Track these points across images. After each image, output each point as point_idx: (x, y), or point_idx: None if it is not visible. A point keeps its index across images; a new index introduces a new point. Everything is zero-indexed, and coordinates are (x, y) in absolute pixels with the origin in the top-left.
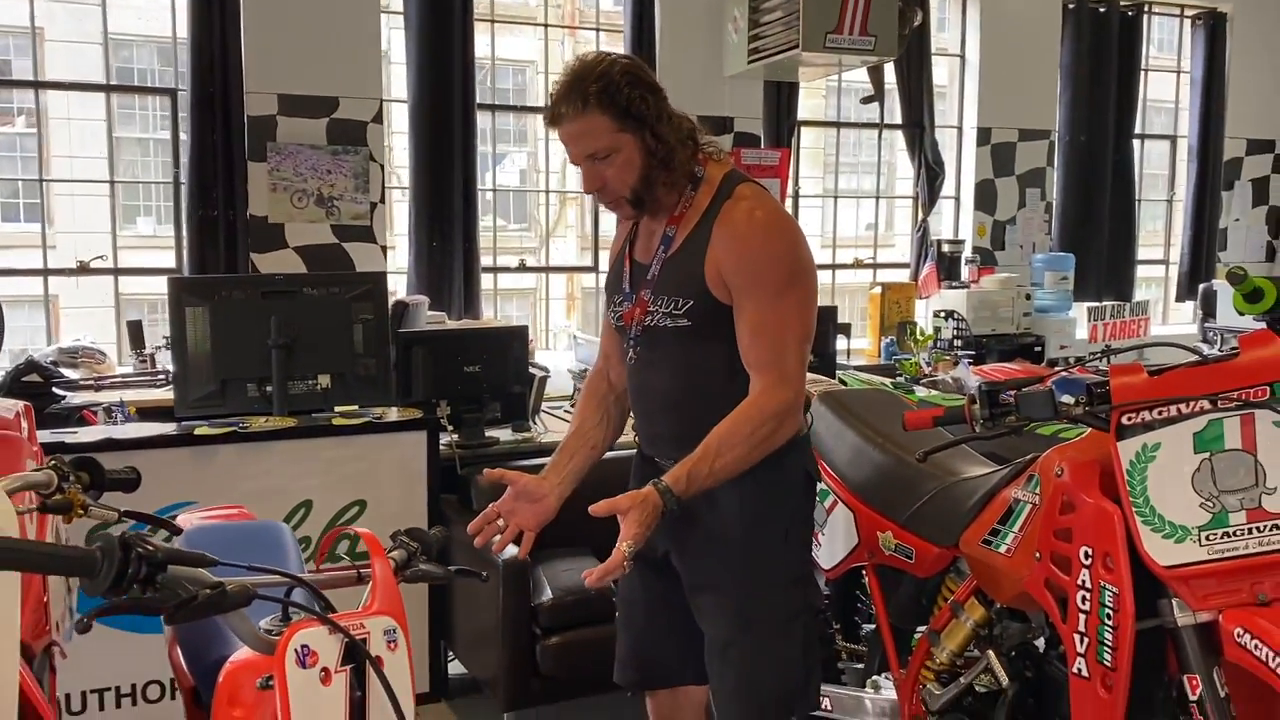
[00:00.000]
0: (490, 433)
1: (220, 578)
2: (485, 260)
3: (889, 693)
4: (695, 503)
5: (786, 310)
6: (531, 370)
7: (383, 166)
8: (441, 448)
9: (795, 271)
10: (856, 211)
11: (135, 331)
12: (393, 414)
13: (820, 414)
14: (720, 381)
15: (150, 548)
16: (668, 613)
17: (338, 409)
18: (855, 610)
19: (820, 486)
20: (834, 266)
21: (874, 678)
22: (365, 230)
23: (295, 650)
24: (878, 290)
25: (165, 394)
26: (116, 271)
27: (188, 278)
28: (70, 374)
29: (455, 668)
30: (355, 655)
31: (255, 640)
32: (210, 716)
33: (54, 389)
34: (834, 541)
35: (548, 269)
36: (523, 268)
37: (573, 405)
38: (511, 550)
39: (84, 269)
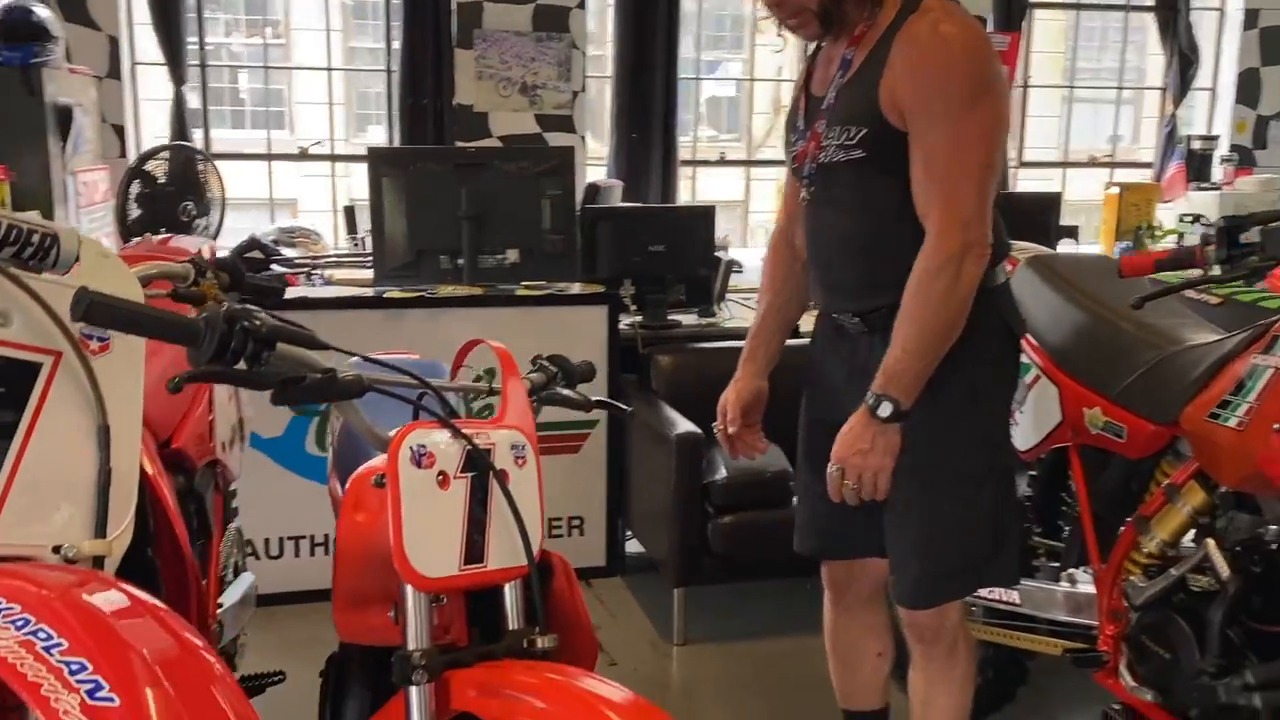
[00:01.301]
0: (674, 316)
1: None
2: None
3: (1086, 587)
4: (874, 358)
5: (965, 137)
6: (718, 254)
7: (584, 54)
8: (624, 328)
9: (978, 91)
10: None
11: (350, 216)
12: (575, 289)
13: (1025, 280)
14: (900, 221)
15: (258, 322)
16: None
17: (523, 284)
18: (1053, 501)
19: (1022, 359)
20: (1065, 165)
21: (1070, 571)
22: (566, 120)
23: (411, 448)
24: (1114, 191)
25: (370, 274)
26: (334, 158)
27: (385, 149)
28: (288, 253)
29: (633, 546)
30: (478, 465)
31: (374, 438)
32: None
33: (273, 265)
34: (1033, 420)
35: (749, 162)
36: (723, 161)
37: None
38: (685, 425)
39: (304, 154)
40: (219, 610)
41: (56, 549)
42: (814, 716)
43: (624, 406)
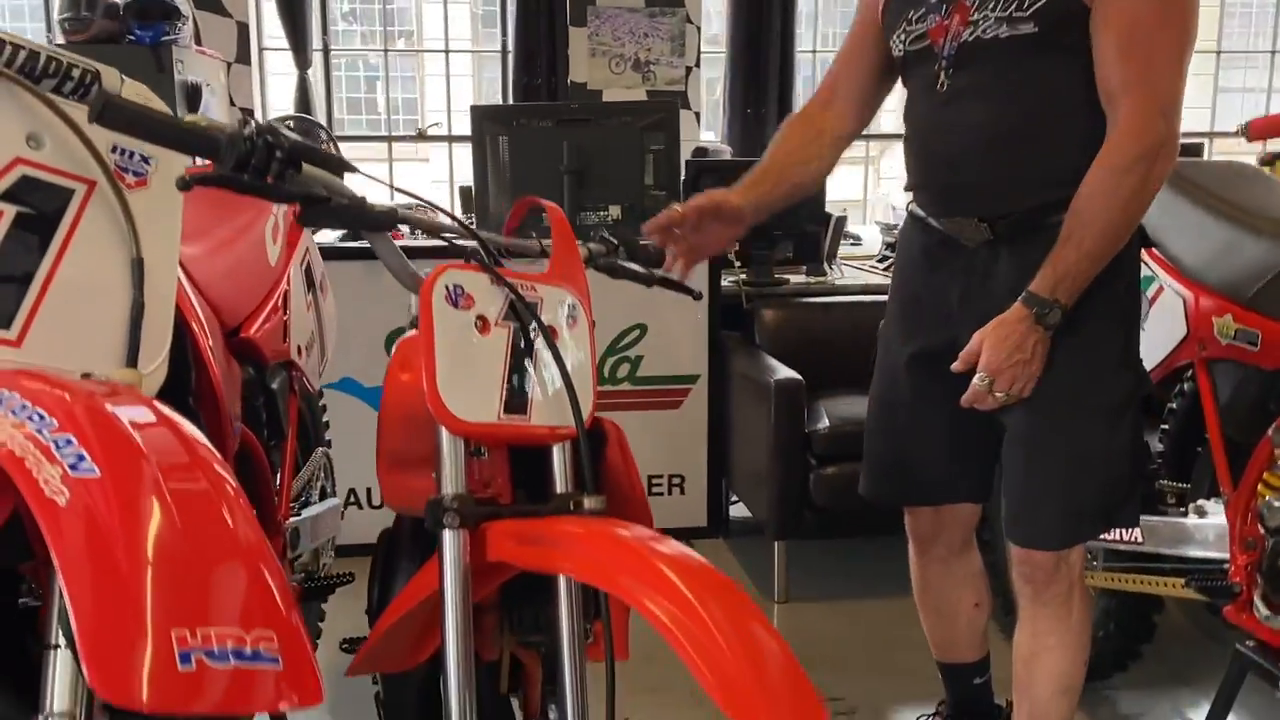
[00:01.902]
0: (781, 274)
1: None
2: None
3: (1217, 518)
4: (998, 272)
5: (1173, 7)
6: (828, 210)
7: (699, 29)
8: (729, 284)
9: None
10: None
11: (465, 196)
12: None
13: None
14: (1069, 110)
15: (283, 138)
16: (943, 417)
17: None
18: (1174, 428)
19: (1144, 272)
20: (1211, 134)
21: (1198, 503)
22: (679, 96)
23: (446, 286)
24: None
25: None
26: (451, 139)
27: (489, 106)
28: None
29: (737, 511)
30: (522, 316)
31: (408, 276)
32: None
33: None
34: (1156, 337)
35: (869, 136)
36: None
37: (879, 262)
38: (784, 371)
39: (422, 135)
40: (294, 519)
41: (86, 376)
42: (915, 673)
43: (692, 289)
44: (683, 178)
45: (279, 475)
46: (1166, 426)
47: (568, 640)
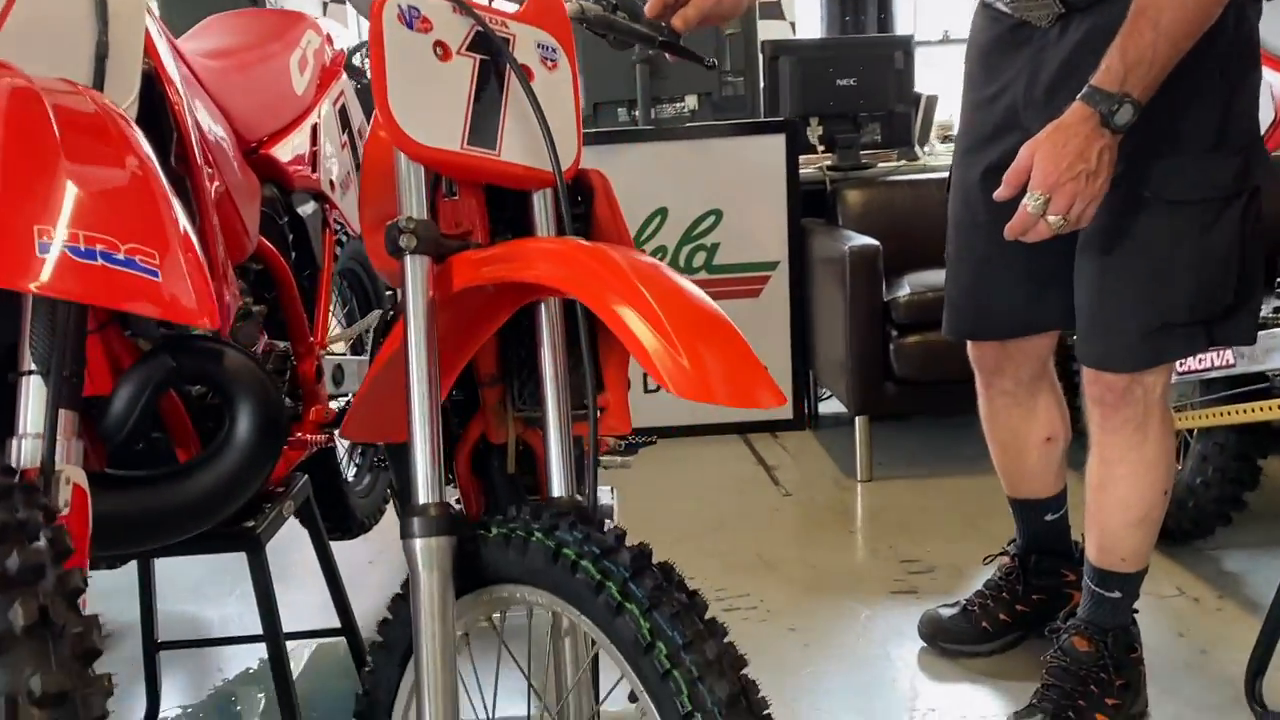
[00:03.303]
0: (869, 158)
1: None
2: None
3: None
4: (1065, 47)
5: None
6: (918, 90)
7: None
8: (812, 170)
9: None
10: None
11: None
12: None
13: None
14: None
15: None
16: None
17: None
18: None
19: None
20: None
21: None
22: (774, 7)
23: (400, 6)
24: None
25: None
26: None
27: None
28: None
29: (827, 407)
30: (491, 50)
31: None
32: None
33: None
34: None
35: None
36: (946, 39)
37: None
38: (860, 239)
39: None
40: (340, 356)
41: None
42: (996, 536)
43: (702, 57)
44: (761, 62)
45: (318, 306)
46: None
47: (549, 373)
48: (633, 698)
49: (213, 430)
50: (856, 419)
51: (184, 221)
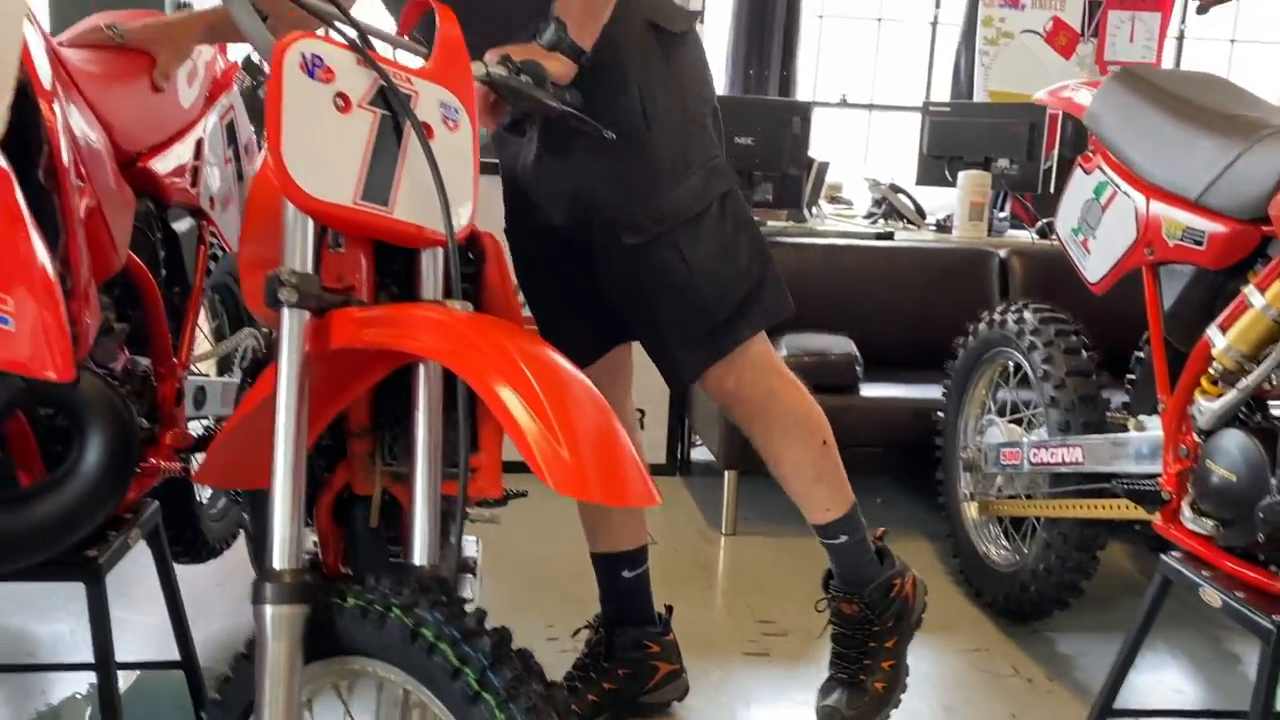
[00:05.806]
0: (759, 217)
1: None
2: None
3: (1154, 431)
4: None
5: None
6: (811, 155)
7: None
8: None
9: None
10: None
11: None
12: None
13: (1111, 93)
14: None
15: None
16: (566, 281)
17: None
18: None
19: (1098, 179)
20: None
21: (1139, 417)
22: None
23: (303, 54)
24: None
25: None
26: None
27: None
28: None
29: (703, 455)
30: (393, 106)
31: (262, 41)
32: None
33: None
34: (1107, 243)
35: (873, 106)
36: (844, 104)
37: (866, 217)
38: None
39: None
40: (203, 378)
41: None
42: None
43: (602, 127)
44: None
45: (185, 325)
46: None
47: (423, 436)
48: None
49: (60, 454)
50: (726, 472)
51: (45, 260)
